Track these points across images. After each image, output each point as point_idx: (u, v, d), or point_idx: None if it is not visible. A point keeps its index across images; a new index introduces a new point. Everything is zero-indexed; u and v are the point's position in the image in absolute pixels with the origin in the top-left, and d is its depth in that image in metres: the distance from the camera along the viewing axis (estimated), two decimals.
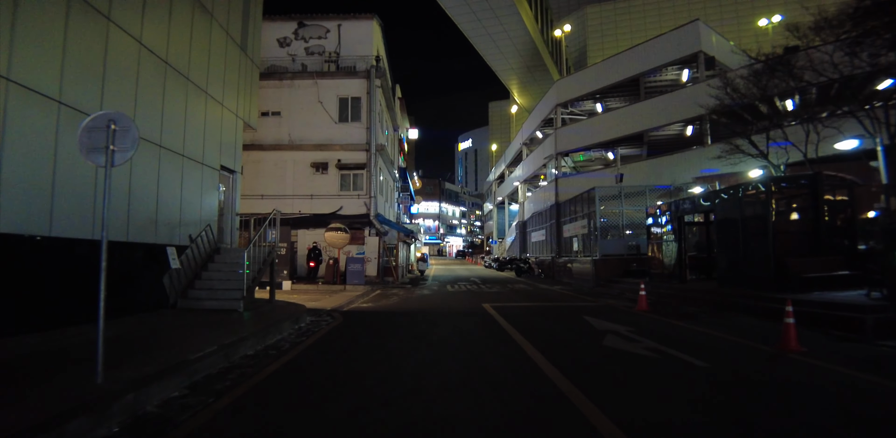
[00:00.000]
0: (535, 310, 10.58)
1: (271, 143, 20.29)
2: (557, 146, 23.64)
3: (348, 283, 16.79)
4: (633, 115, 20.94)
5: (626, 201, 17.96)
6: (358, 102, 20.17)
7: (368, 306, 11.45)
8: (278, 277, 17.14)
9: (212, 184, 10.89)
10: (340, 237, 17.15)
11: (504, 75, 49.07)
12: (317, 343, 6.68)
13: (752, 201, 11.05)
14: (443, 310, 10.47)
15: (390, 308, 10.92)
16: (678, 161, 19.09)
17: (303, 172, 20.03)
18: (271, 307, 9.82)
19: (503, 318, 9.00)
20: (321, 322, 8.72)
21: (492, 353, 5.81)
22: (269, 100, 20.61)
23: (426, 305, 11.68)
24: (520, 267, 25.02)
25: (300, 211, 19.77)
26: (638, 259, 17.36)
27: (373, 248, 19.06)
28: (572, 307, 11.07)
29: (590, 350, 6.05)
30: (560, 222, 22.65)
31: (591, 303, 12.02)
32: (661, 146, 22.86)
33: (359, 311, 10.42)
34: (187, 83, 9.68)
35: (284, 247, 17.22)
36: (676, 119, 19.36)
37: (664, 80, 21.90)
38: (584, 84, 22.81)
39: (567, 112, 24.50)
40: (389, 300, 12.96)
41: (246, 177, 20.51)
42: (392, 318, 9.31)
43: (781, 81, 12.61)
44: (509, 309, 10.60)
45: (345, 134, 19.96)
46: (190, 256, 9.77)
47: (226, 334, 6.42)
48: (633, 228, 17.97)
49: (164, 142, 8.93)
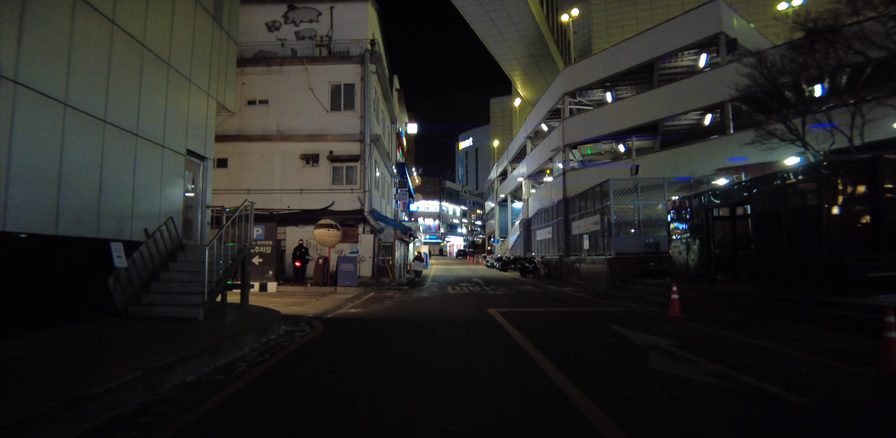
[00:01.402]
0: (550, 317, 9.11)
1: (258, 133, 18.86)
2: (565, 138, 22.14)
3: (339, 284, 15.33)
4: (647, 103, 19.47)
5: (642, 195, 16.50)
6: (351, 90, 18.71)
7: (357, 311, 9.98)
8: (263, 278, 15.71)
9: (175, 171, 9.43)
10: (331, 235, 15.69)
11: (507, 65, 47.34)
12: (279, 366, 5.22)
13: (799, 190, 9.57)
14: (442, 317, 8.99)
15: (381, 315, 9.45)
16: (697, 152, 17.62)
17: (292, 164, 18.58)
18: (240, 314, 8.35)
19: (515, 328, 7.53)
20: (296, 334, 7.25)
21: (508, 385, 4.32)
22: (256, 87, 19.21)
23: (423, 311, 10.21)
24: (525, 267, 23.54)
25: (289, 207, 18.32)
26: (656, 258, 15.90)
27: (367, 246, 17.60)
28: (592, 314, 9.59)
29: (638, 378, 4.57)
30: (568, 218, 21.18)
31: (613, 308, 10.54)
32: (675, 137, 21.38)
33: (344, 318, 8.95)
34: (143, 51, 8.22)
35: (270, 245, 15.77)
36: (695, 107, 17.88)
37: (679, 66, 20.44)
38: (594, 71, 21.33)
39: (575, 102, 23.02)
40: (382, 304, 11.49)
41: (231, 170, 19.10)
42: (381, 328, 7.83)
43: (826, 56, 11.13)
44: (520, 316, 9.13)
45: (337, 123, 18.51)
46: (146, 254, 8.30)
47: (166, 351, 4.97)
48: (649, 224, 16.50)
49: (111, 117, 7.47)
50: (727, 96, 16.83)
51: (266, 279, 15.53)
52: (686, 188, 16.82)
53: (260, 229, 15.91)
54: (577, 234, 19.76)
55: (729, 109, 16.82)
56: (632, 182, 16.74)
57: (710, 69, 18.14)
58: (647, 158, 18.44)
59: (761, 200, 10.41)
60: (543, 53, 42.88)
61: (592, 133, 21.28)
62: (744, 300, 10.17)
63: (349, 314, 9.49)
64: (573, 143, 22.13)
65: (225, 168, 19.00)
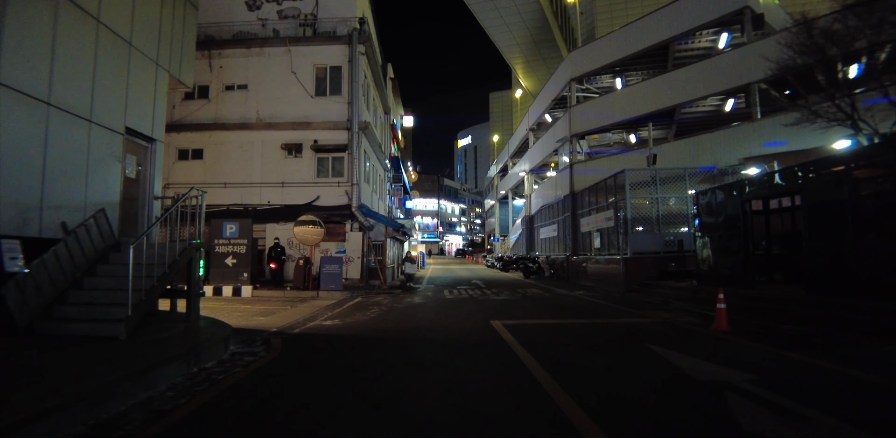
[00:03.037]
0: (569, 333, 7.40)
1: (236, 121, 17.14)
2: (572, 127, 20.41)
3: (322, 288, 13.63)
4: (662, 87, 17.75)
5: (661, 188, 14.81)
6: (338, 73, 16.98)
7: (333, 324, 8.27)
8: (237, 281, 14.00)
9: (109, 153, 7.72)
10: (313, 233, 13.99)
11: (509, 52, 45.14)
12: (189, 421, 3.51)
13: (871, 175, 7.87)
14: (435, 333, 7.28)
15: (361, 330, 7.74)
16: (720, 140, 15.94)
17: (273, 155, 16.85)
18: (181, 330, 6.66)
19: (527, 351, 5.82)
20: (241, 361, 5.55)
21: None
22: (234, 71, 17.50)
23: (413, 323, 8.50)
24: (528, 267, 21.85)
25: (269, 202, 16.60)
26: (677, 258, 14.22)
27: (355, 245, 15.89)
28: (620, 327, 7.90)
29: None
30: (576, 214, 19.48)
31: (641, 319, 8.84)
32: (691, 126, 19.72)
33: (313, 335, 7.24)
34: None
35: (245, 244, 14.05)
36: (717, 90, 16.18)
37: (696, 48, 18.74)
38: (603, 54, 19.60)
39: (582, 89, 21.31)
40: (366, 313, 9.78)
41: (207, 162, 17.37)
42: (355, 351, 6.12)
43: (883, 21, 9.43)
44: (531, 331, 7.43)
45: (322, 110, 16.79)
46: (63, 254, 6.58)
47: (28, 397, 3.29)
48: (669, 220, 14.83)
49: (5, 76, 5.75)
50: (754, 77, 15.16)
51: (240, 283, 13.83)
52: (709, 180, 15.13)
53: (234, 227, 14.21)
54: (587, 231, 18.06)
55: (756, 92, 15.14)
56: (649, 173, 15.04)
57: (730, 49, 16.46)
58: (664, 148, 16.76)
59: (816, 188, 8.72)
60: (547, 39, 40.83)
61: (602, 122, 19.57)
62: (795, 309, 8.49)
63: (322, 328, 7.79)
64: (581, 132, 20.40)
65: (200, 160, 17.32)
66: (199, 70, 17.79)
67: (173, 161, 17.43)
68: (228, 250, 14.11)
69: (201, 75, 17.71)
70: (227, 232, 14.19)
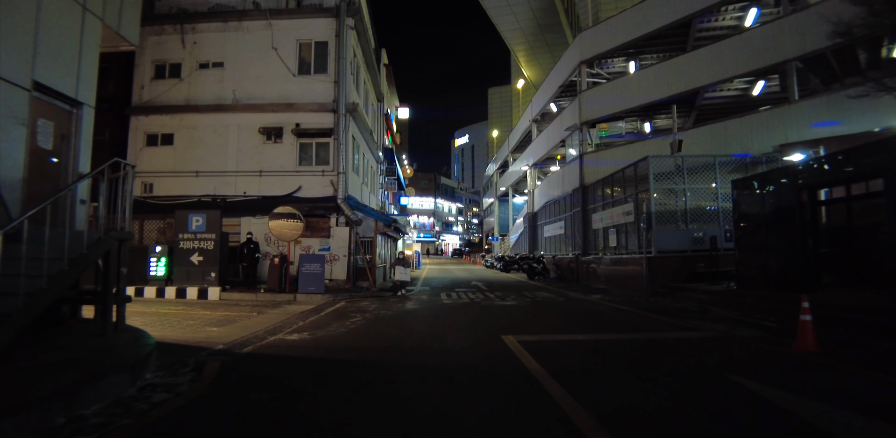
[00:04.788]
0: (609, 355, 5.61)
1: (211, 103, 15.31)
2: (582, 115, 18.63)
3: (301, 291, 11.80)
4: (684, 68, 16.00)
5: (688, 178, 13.09)
6: (324, 49, 15.17)
7: (300, 339, 6.45)
8: (204, 282, 12.15)
9: (7, 112, 5.87)
10: (291, 227, 12.16)
11: (511, 39, 42.90)
12: None
13: None
14: (430, 356, 5.47)
15: (331, 348, 5.92)
16: (751, 125, 14.23)
17: (250, 140, 15.03)
18: (85, 348, 4.85)
19: (565, 389, 4.03)
20: (144, 402, 3.75)
21: None
22: (209, 48, 15.68)
23: (401, 338, 6.68)
24: (532, 268, 20.06)
25: (245, 193, 14.76)
26: (708, 257, 12.50)
27: (341, 242, 14.07)
28: (670, 345, 6.12)
29: None
30: (587, 210, 17.72)
31: (690, 332, 7.06)
32: (714, 113, 18.01)
33: (267, 357, 5.42)
34: None
35: (213, 240, 12.22)
36: (747, 70, 14.46)
37: (720, 26, 17.02)
38: (617, 34, 17.84)
39: (592, 74, 19.56)
40: (345, 323, 7.96)
41: (178, 148, 15.50)
42: (313, 389, 4.28)
43: None
44: (559, 353, 5.64)
45: (306, 90, 14.97)
46: None
47: None
48: (697, 214, 13.09)
49: None
50: (791, 54, 13.47)
51: (207, 284, 12.00)
52: (741, 169, 13.44)
53: (201, 219, 12.37)
54: (600, 228, 16.31)
55: (793, 71, 13.45)
56: (672, 162, 13.30)
57: (758, 26, 14.76)
58: (686, 135, 15.04)
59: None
60: (552, 23, 38.76)
61: (615, 108, 17.82)
62: (883, 320, 6.75)
63: (282, 346, 5.96)
64: (592, 120, 18.63)
65: (170, 146, 15.49)
66: (171, 46, 16.00)
67: (140, 147, 15.61)
68: (194, 245, 12.27)
69: (173, 52, 15.92)
70: (192, 225, 12.35)
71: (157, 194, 15.21)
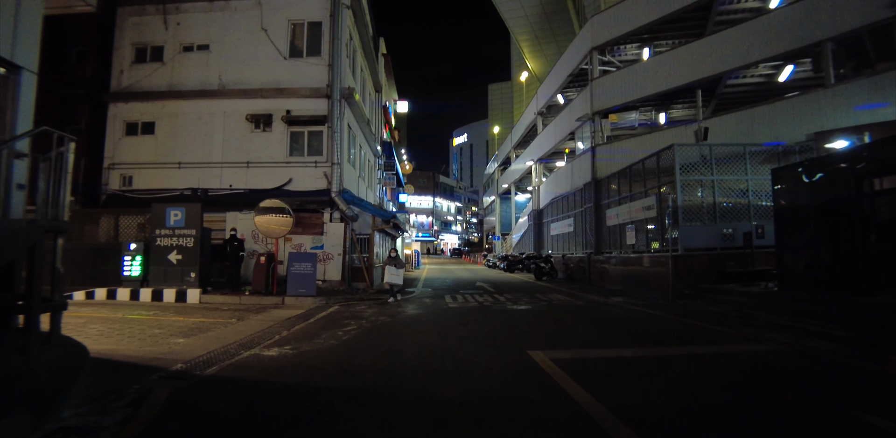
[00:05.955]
0: (679, 381, 4.40)
1: (195, 88, 14.14)
2: (594, 104, 17.44)
3: (290, 293, 10.61)
4: (705, 53, 14.80)
5: (716, 170, 11.94)
6: (318, 30, 13.98)
7: (279, 355, 5.26)
8: (183, 283, 10.95)
9: None
10: (278, 223, 10.97)
11: (516, 27, 41.26)
12: None
13: None
14: (443, 383, 4.24)
15: (316, 372, 4.72)
16: (781, 112, 13.08)
17: (237, 129, 13.83)
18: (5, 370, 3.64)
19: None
20: None
21: None
22: (193, 29, 14.49)
23: (406, 356, 5.48)
24: (540, 268, 18.88)
25: (231, 185, 13.57)
26: (738, 256, 11.35)
27: (336, 240, 12.88)
28: (745, 362, 4.96)
29: None
30: (600, 205, 16.54)
31: (756, 345, 5.90)
32: (735, 101, 16.85)
33: (232, 383, 4.22)
34: None
35: (193, 236, 11.02)
36: (776, 53, 13.30)
37: (742, 9, 15.85)
38: (631, 18, 16.64)
39: (604, 62, 18.38)
40: (337, 333, 6.78)
41: (159, 138, 14.27)
42: None
43: None
44: (608, 375, 4.47)
45: (297, 74, 13.78)
46: None
47: None
48: (725, 208, 11.95)
49: None
50: (827, 33, 12.33)
51: (186, 285, 10.81)
52: (772, 159, 12.31)
53: (179, 213, 11.16)
54: (615, 225, 15.15)
55: (829, 53, 12.33)
56: (698, 151, 12.16)
57: (786, 5, 13.62)
58: (709, 124, 13.89)
59: None
60: (558, 10, 37.18)
61: (630, 96, 16.63)
62: None
63: (255, 366, 4.77)
64: (604, 109, 17.44)
65: (151, 135, 14.30)
66: (152, 28, 14.79)
67: (119, 136, 14.42)
68: (172, 243, 11.07)
69: (154, 34, 14.71)
70: (170, 220, 11.15)
71: (136, 188, 14.03)
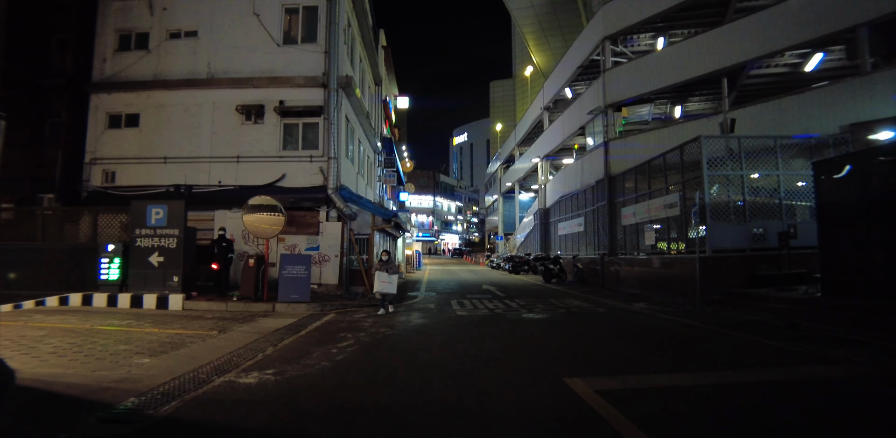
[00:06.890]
0: (773, 428, 3.46)
1: (182, 77, 13.20)
2: (607, 96, 16.45)
3: (281, 299, 9.65)
4: (726, 40, 13.78)
5: (745, 163, 11.00)
6: (313, 15, 13.02)
7: (258, 383, 4.30)
8: (165, 287, 9.98)
9: None
10: (269, 222, 10.00)
11: (521, 18, 40.05)
12: None
13: None
14: (466, 435, 3.26)
15: (303, 410, 3.76)
16: (812, 103, 12.15)
17: (227, 121, 12.88)
18: None
19: None
20: None
21: None
22: (181, 14, 13.54)
23: (415, 387, 4.46)
24: (549, 270, 17.92)
25: (220, 182, 12.62)
26: (772, 257, 10.39)
27: (332, 240, 11.92)
28: (836, 391, 4.01)
29: None
30: (614, 203, 15.58)
31: (832, 366, 4.95)
32: (756, 93, 15.91)
33: (188, 430, 3.26)
34: None
35: (176, 236, 10.06)
36: (805, 39, 12.34)
37: None
38: (646, 4, 15.60)
39: (616, 53, 17.38)
40: (330, 350, 5.82)
41: (144, 131, 13.29)
42: None
43: None
44: (675, 415, 3.50)
45: (292, 61, 12.82)
46: None
47: None
48: (757, 206, 11.00)
49: None
50: (863, 18, 11.39)
51: (168, 290, 9.85)
52: (804, 153, 11.37)
53: (161, 211, 10.20)
54: (632, 224, 14.19)
55: (865, 38, 11.40)
56: (725, 144, 11.20)
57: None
58: (733, 115, 12.93)
59: None
60: (566, 0, 36.32)
61: (645, 88, 15.65)
62: None
63: (226, 400, 3.80)
64: (618, 102, 16.47)
65: (135, 128, 13.38)
66: (137, 13, 13.82)
67: (102, 129, 13.48)
68: (153, 243, 10.11)
69: (139, 20, 13.75)
70: (151, 219, 10.19)
71: (119, 184, 13.08)
